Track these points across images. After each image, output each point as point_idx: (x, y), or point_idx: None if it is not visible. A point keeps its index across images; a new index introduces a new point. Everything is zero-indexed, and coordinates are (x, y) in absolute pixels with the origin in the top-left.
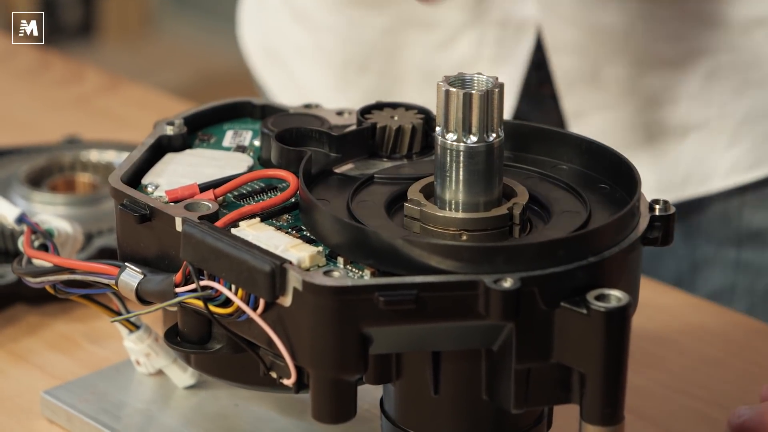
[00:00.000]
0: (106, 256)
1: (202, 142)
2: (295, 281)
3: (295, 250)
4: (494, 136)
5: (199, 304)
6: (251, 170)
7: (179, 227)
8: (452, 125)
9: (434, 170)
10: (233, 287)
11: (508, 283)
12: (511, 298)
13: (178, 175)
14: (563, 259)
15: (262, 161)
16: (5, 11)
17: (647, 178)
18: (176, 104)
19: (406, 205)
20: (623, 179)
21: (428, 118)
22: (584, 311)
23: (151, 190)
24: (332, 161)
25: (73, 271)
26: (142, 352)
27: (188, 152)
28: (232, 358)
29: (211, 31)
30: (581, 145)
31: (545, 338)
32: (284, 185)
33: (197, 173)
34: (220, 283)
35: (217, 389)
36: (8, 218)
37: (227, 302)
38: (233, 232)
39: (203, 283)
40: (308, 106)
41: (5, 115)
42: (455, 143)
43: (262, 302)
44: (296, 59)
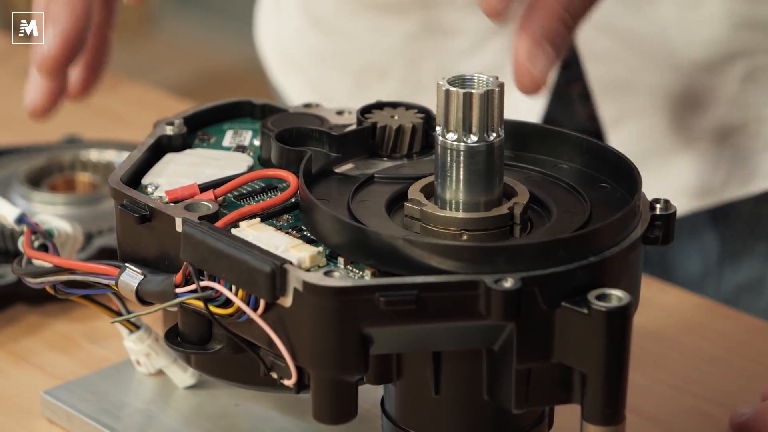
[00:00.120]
0: (106, 255)
1: (202, 141)
2: (295, 282)
3: (295, 250)
4: (494, 135)
5: (199, 304)
6: (251, 170)
7: (179, 228)
8: (452, 125)
9: (434, 170)
10: (233, 288)
11: (508, 283)
12: (511, 298)
13: (178, 175)
14: (564, 258)
15: (262, 161)
16: (5, 11)
17: (687, 181)
18: (176, 103)
19: (406, 204)
20: (624, 178)
21: (428, 117)
22: (585, 311)
23: (151, 190)
24: (332, 161)
25: (73, 271)
26: (142, 352)
27: (188, 152)
28: (232, 358)
29: (211, 28)
30: (582, 144)
31: (546, 338)
32: (284, 185)
33: (197, 173)
34: (220, 283)
35: (217, 389)
36: (8, 218)
37: (227, 303)
38: (233, 232)
39: (203, 283)
40: (308, 105)
41: (5, 114)
42: (455, 143)
43: (262, 303)
44: (314, 64)
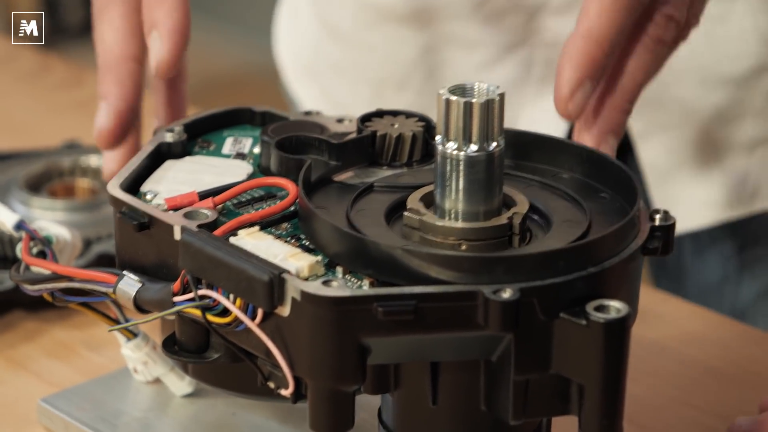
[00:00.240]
0: (104, 262)
1: (201, 149)
2: (293, 291)
3: (293, 259)
4: (495, 145)
5: (197, 313)
6: (251, 178)
7: (178, 236)
8: (452, 134)
9: (434, 179)
10: (231, 297)
11: (507, 293)
12: (510, 309)
13: (177, 182)
14: (563, 269)
15: (261, 169)
16: (5, 12)
17: (716, 194)
18: None
19: (405, 214)
20: (623, 189)
21: (428, 126)
22: (583, 322)
23: (150, 197)
24: (332, 169)
25: (71, 278)
26: (139, 360)
27: (188, 159)
28: (229, 367)
29: (212, 32)
30: (582, 154)
31: (544, 349)
32: (284, 193)
33: (196, 181)
34: (218, 292)
35: (214, 398)
36: (7, 224)
37: (225, 312)
38: (232, 240)
39: (201, 292)
40: (308, 113)
41: (5, 118)
42: (455, 152)
43: (260, 312)
44: (331, 75)
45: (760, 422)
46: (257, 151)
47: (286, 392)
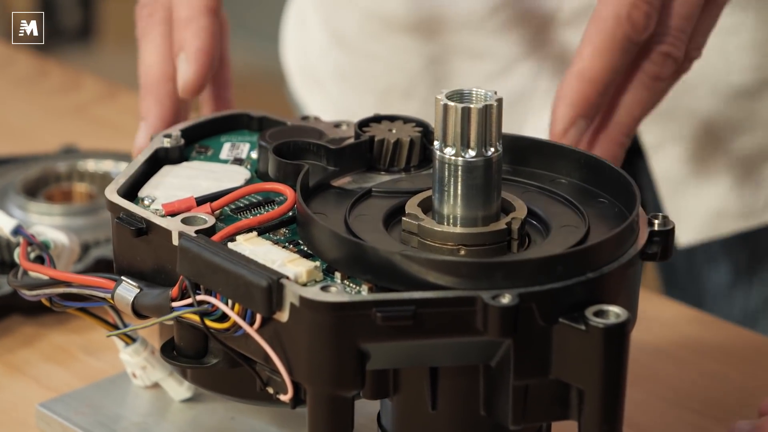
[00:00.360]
0: (102, 266)
1: (199, 154)
2: (292, 296)
3: (292, 264)
4: (492, 150)
5: (195, 318)
6: (248, 183)
7: (176, 241)
8: (450, 139)
9: (432, 184)
10: (230, 302)
11: (506, 299)
12: (509, 314)
13: (175, 188)
14: (562, 274)
15: (259, 174)
16: (2, 15)
17: (728, 204)
18: None
19: (404, 219)
20: (622, 193)
21: (426, 131)
22: (583, 327)
23: (147, 203)
24: (330, 174)
25: (68, 284)
26: (138, 364)
27: (185, 165)
28: (228, 372)
29: None
30: (580, 159)
31: (543, 354)
32: (282, 199)
33: (194, 186)
34: (216, 297)
35: (213, 402)
36: (4, 230)
37: (224, 317)
38: (230, 246)
39: (200, 297)
40: (306, 118)
41: (2, 122)
42: (453, 157)
43: (258, 317)
44: (336, 82)
45: (759, 426)
46: (255, 156)
47: (285, 397)
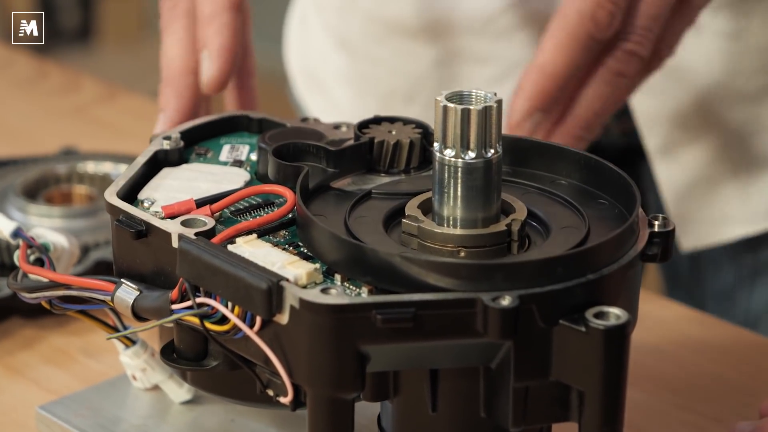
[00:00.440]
0: (102, 268)
1: (198, 156)
2: (291, 299)
3: (292, 267)
4: (492, 152)
5: (195, 321)
6: (248, 185)
7: (175, 243)
8: (450, 141)
9: (432, 186)
10: (230, 304)
11: (506, 301)
12: (509, 316)
13: (174, 190)
14: (562, 276)
15: (259, 176)
16: (4, 15)
17: (734, 210)
18: None
19: (403, 221)
20: (622, 195)
21: (426, 132)
22: (583, 329)
23: (147, 205)
24: (330, 176)
25: (68, 286)
26: (138, 367)
27: (185, 167)
28: (228, 374)
29: None
30: (580, 160)
31: (543, 356)
32: (281, 201)
33: (194, 188)
34: (216, 300)
35: (213, 404)
36: (4, 232)
37: (224, 319)
38: (230, 248)
39: (199, 300)
40: (305, 119)
41: (1, 124)
42: (453, 159)
43: (258, 320)
44: (338, 86)
45: (760, 427)
46: (254, 158)
47: (285, 400)
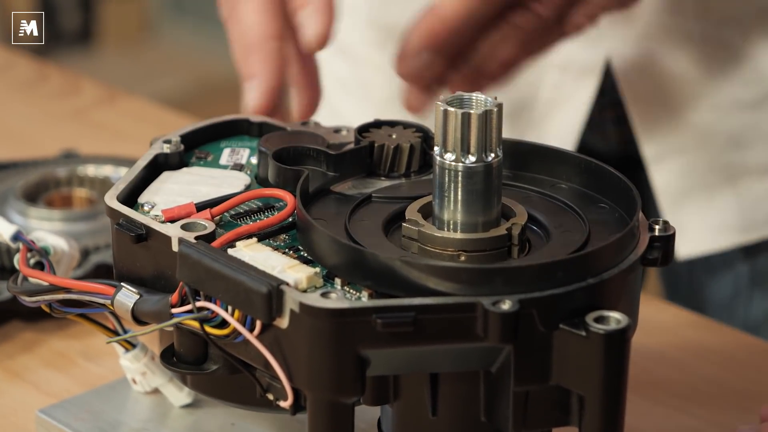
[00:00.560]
0: (103, 272)
1: (199, 159)
2: (292, 303)
3: (292, 271)
4: (493, 156)
5: (195, 325)
6: (248, 189)
7: (175, 247)
8: (450, 145)
9: (432, 190)
10: (230, 308)
11: (506, 305)
12: (509, 320)
13: (174, 193)
14: (562, 280)
15: (259, 180)
16: (4, 18)
17: (729, 218)
18: (174, 117)
19: (404, 225)
20: (623, 199)
21: (426, 136)
22: (583, 333)
23: (147, 209)
24: (330, 180)
25: (68, 290)
26: (138, 370)
27: (185, 170)
28: (228, 378)
29: (210, 37)
30: (580, 164)
31: (544, 360)
32: (282, 205)
33: (194, 192)
34: (216, 304)
35: (213, 408)
36: (4, 235)
37: (224, 323)
38: (230, 252)
39: (199, 304)
40: (306, 123)
41: (1, 127)
42: (453, 163)
43: (258, 324)
44: (337, 91)
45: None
46: (255, 161)
47: (285, 404)
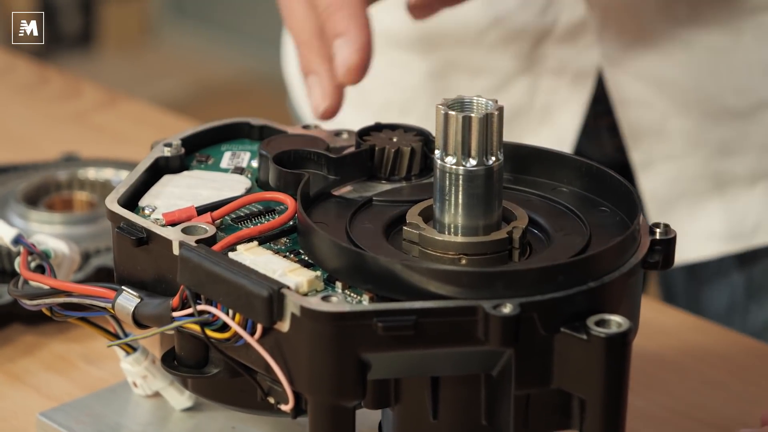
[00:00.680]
0: (103, 275)
1: (199, 163)
2: (292, 306)
3: (292, 274)
4: (494, 159)
5: (196, 328)
6: (249, 192)
7: (176, 251)
8: (451, 148)
9: (433, 193)
10: (231, 312)
11: (507, 308)
12: (510, 324)
13: (175, 197)
14: (563, 284)
15: (260, 183)
16: (4, 21)
17: (716, 226)
18: (174, 120)
19: (404, 228)
20: (623, 202)
21: (427, 139)
22: (584, 337)
23: (148, 212)
24: (331, 183)
25: (69, 294)
26: (138, 373)
27: (186, 174)
28: (229, 382)
29: (211, 40)
30: (581, 167)
31: (545, 364)
32: (282, 208)
33: (194, 195)
34: (217, 307)
35: (214, 411)
36: (5, 239)
37: (224, 327)
38: (231, 256)
39: (200, 307)
40: (306, 126)
41: (2, 130)
42: (454, 166)
43: (259, 327)
44: None
45: None
46: (255, 165)
47: (286, 407)
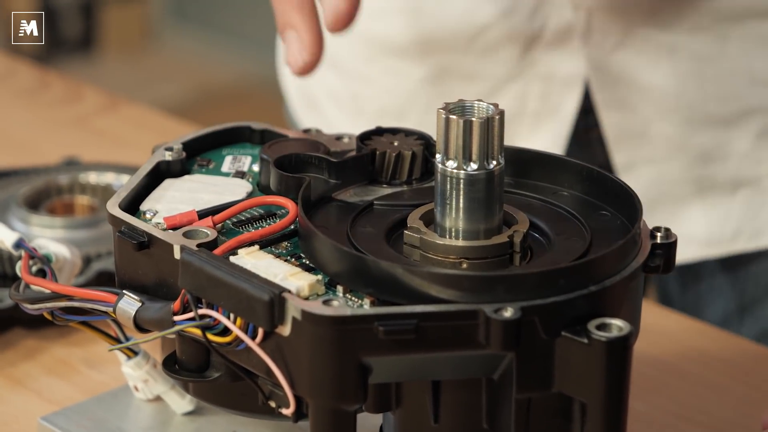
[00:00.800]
0: (104, 279)
1: (200, 167)
2: (293, 310)
3: (294, 278)
4: (495, 163)
5: (197, 332)
6: (250, 196)
7: (177, 255)
8: (452, 152)
9: (434, 197)
10: (232, 316)
11: (508, 312)
12: (511, 327)
13: (176, 201)
14: (564, 288)
15: (261, 187)
16: (4, 23)
17: (697, 231)
18: (175, 124)
19: (405, 232)
20: (624, 206)
21: (428, 144)
22: (585, 341)
23: (149, 216)
24: (332, 187)
25: (70, 298)
26: (140, 377)
27: (187, 178)
28: (230, 386)
29: (212, 44)
30: (582, 171)
31: (546, 368)
32: (283, 212)
33: (196, 199)
34: (218, 311)
35: (215, 415)
36: (6, 243)
37: (226, 331)
38: (232, 260)
39: (201, 311)
40: (307, 131)
41: (3, 135)
42: (455, 170)
43: (260, 331)
44: (330, 104)
45: None
46: (256, 169)
47: (287, 411)
